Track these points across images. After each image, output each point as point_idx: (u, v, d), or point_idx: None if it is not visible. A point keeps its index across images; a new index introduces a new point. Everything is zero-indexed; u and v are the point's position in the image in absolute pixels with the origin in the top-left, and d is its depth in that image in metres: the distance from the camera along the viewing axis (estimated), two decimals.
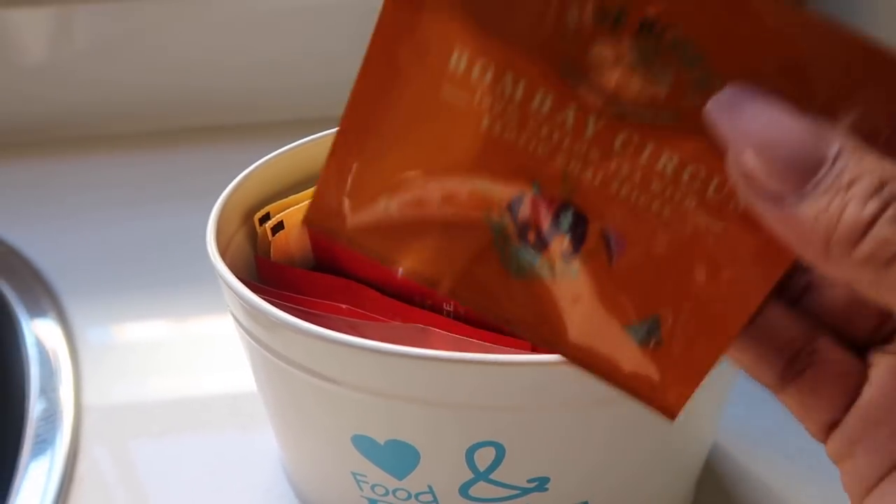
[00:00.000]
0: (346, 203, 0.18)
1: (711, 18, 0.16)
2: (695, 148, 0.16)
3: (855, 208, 0.14)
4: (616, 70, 0.16)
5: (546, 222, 0.17)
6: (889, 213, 0.14)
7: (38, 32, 0.54)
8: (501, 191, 0.18)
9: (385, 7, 0.17)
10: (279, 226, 0.28)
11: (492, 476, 0.25)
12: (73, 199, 0.51)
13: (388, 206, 0.18)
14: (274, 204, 0.29)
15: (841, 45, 0.15)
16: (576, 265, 0.17)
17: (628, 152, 0.17)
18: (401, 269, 0.18)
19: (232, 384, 0.39)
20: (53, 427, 0.36)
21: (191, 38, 0.55)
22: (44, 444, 0.35)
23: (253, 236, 0.30)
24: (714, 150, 0.16)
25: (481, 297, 0.18)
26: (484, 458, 0.25)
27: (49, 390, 0.38)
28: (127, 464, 0.36)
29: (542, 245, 0.18)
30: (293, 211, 0.29)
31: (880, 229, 0.14)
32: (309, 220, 0.18)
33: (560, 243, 0.17)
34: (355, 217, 0.18)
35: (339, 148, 0.18)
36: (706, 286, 0.17)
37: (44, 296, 0.43)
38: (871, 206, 0.14)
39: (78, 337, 0.41)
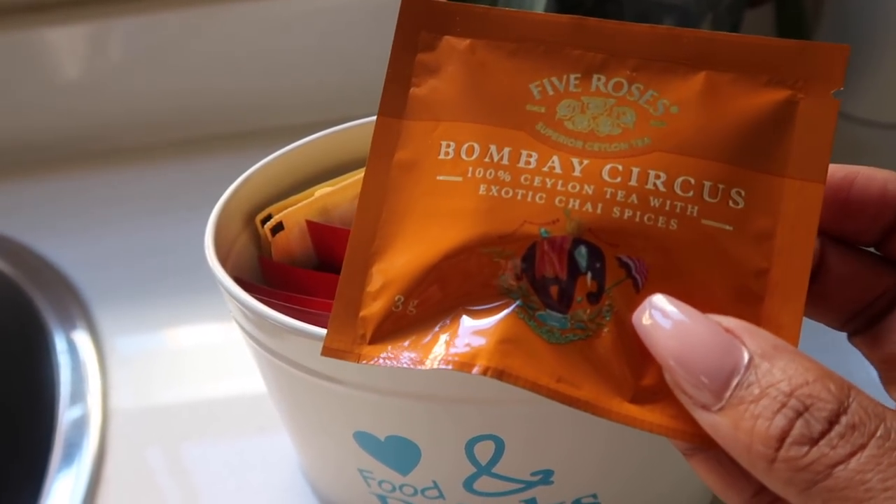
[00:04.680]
0: (365, 319, 0.18)
1: (652, 61, 0.18)
2: (674, 162, 0.17)
3: (763, 424, 0.14)
4: (585, 116, 0.18)
5: (563, 265, 0.17)
6: (796, 431, 0.13)
7: (69, 49, 0.55)
8: (513, 248, 0.18)
9: (377, 121, 0.19)
10: (279, 226, 0.29)
11: (494, 470, 0.25)
12: (103, 211, 0.53)
13: (406, 305, 0.18)
14: (274, 205, 0.30)
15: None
16: (606, 304, 0.17)
17: (618, 179, 0.17)
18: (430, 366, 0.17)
19: (251, 387, 0.39)
20: (82, 431, 0.37)
21: (211, 48, 0.56)
22: (73, 447, 0.37)
23: (257, 239, 0.30)
24: (692, 159, 0.17)
25: (519, 371, 0.17)
26: (484, 451, 0.24)
27: (78, 396, 0.39)
28: (152, 465, 0.36)
29: (566, 299, 0.17)
30: (292, 211, 0.29)
31: (787, 451, 0.13)
32: (328, 350, 0.18)
33: (584, 285, 0.17)
34: (376, 332, 0.18)
35: (350, 265, 0.19)
36: (745, 277, 0.17)
37: (74, 306, 0.44)
38: (779, 422, 0.13)
39: (106, 345, 0.42)
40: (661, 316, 0.15)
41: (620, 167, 0.17)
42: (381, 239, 0.19)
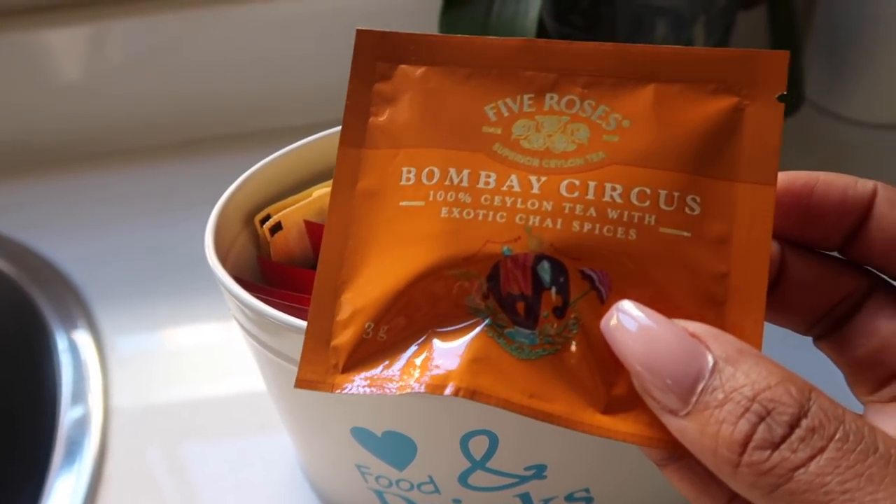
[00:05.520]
0: (336, 348, 0.19)
1: (603, 79, 0.18)
2: (629, 173, 0.18)
3: (727, 430, 0.14)
4: (540, 135, 0.18)
5: (528, 282, 0.18)
6: (758, 435, 0.14)
7: (68, 51, 0.56)
8: (478, 269, 0.18)
9: (339, 151, 0.20)
10: (277, 226, 0.29)
11: (488, 465, 0.25)
12: (103, 212, 0.53)
13: (376, 331, 0.18)
14: (273, 205, 0.30)
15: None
16: (573, 318, 0.17)
17: (575, 193, 0.18)
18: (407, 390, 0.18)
19: (250, 386, 0.40)
20: (83, 430, 0.38)
21: (211, 50, 0.56)
22: (74, 446, 0.37)
23: (256, 238, 0.31)
24: (647, 169, 0.18)
25: (491, 390, 0.17)
26: (478, 446, 0.25)
27: (79, 395, 0.39)
28: (153, 464, 0.37)
29: (533, 315, 0.18)
30: (291, 211, 0.29)
31: (751, 455, 0.14)
32: (301, 382, 0.19)
33: (550, 300, 0.18)
34: (349, 361, 0.18)
35: (318, 296, 0.19)
36: (705, 282, 0.17)
37: (75, 305, 0.45)
38: (742, 427, 0.14)
39: (107, 344, 0.43)
40: (628, 320, 0.16)
41: (577, 182, 0.18)
42: (348, 268, 0.19)
